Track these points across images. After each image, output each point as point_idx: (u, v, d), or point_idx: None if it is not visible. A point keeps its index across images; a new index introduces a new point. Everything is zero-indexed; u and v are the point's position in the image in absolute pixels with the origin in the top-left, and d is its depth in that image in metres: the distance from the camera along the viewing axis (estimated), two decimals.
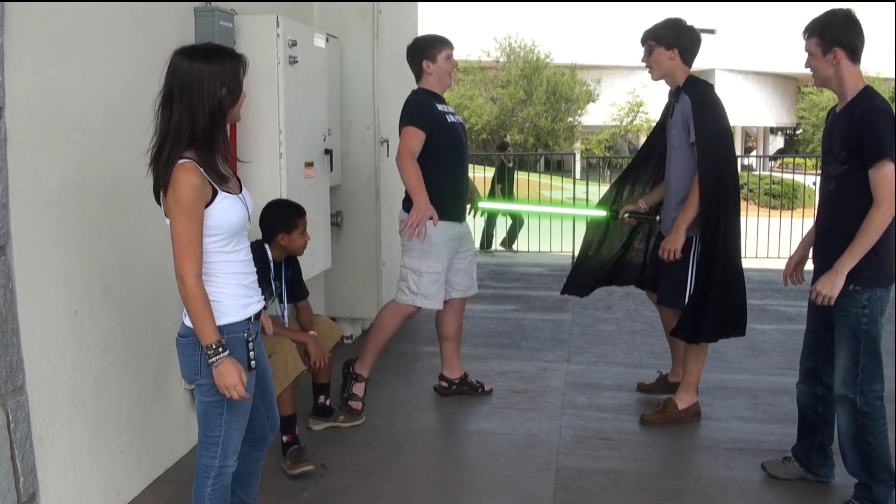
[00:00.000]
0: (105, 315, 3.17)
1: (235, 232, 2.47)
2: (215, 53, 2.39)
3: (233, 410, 2.51)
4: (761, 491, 3.44)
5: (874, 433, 3.13)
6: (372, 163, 5.37)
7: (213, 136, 2.39)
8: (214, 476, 2.55)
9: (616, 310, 6.72)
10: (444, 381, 4.68)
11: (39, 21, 2.75)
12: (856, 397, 3.13)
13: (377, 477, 3.65)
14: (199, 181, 2.34)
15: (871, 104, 3.05)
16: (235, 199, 2.46)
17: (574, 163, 14.36)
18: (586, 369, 5.17)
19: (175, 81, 2.34)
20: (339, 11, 5.28)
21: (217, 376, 2.37)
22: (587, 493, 3.51)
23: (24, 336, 2.70)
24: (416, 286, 4.23)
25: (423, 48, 4.29)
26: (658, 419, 4.18)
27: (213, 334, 2.35)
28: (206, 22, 3.72)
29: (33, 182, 2.74)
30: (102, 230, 3.14)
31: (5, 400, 2.59)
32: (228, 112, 2.43)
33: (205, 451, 2.56)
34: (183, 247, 2.33)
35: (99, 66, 3.09)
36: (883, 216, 2.98)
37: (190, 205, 2.32)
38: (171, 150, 2.34)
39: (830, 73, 3.13)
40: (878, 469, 3.15)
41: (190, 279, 2.33)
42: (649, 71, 4.08)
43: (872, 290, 3.08)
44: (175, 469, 3.67)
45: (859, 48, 3.09)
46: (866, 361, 3.11)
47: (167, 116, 2.36)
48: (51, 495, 2.85)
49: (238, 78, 2.42)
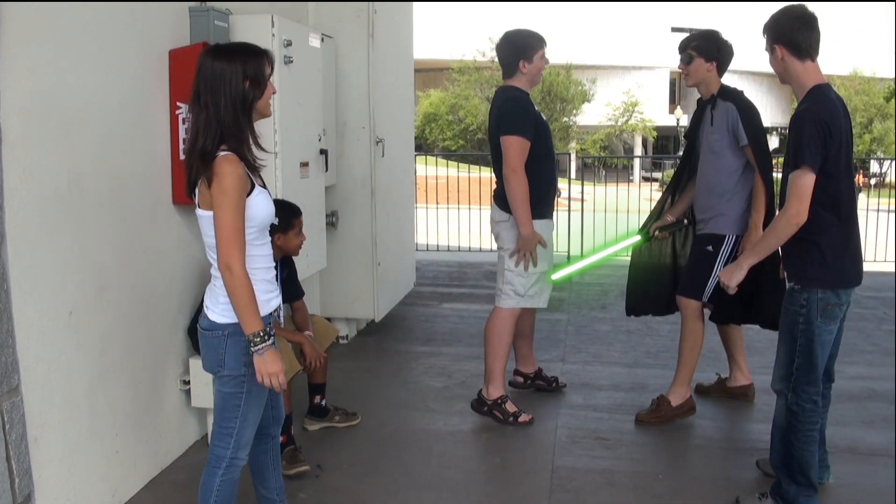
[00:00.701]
0: (100, 315, 3.16)
1: (264, 226, 2.54)
2: (239, 51, 2.48)
3: (250, 403, 2.57)
4: (756, 490, 3.44)
5: (798, 434, 3.13)
6: (367, 163, 5.37)
7: (240, 129, 2.46)
8: (225, 467, 2.60)
9: (611, 309, 6.73)
10: (519, 375, 4.72)
11: (35, 20, 2.75)
12: (788, 394, 3.15)
13: (373, 477, 3.65)
14: (243, 172, 2.41)
15: (804, 107, 3.02)
16: (266, 193, 2.55)
17: (569, 163, 14.35)
18: (582, 369, 5.17)
19: (201, 80, 2.44)
20: (335, 11, 5.28)
21: (261, 363, 2.43)
22: (583, 492, 3.51)
23: (19, 336, 2.69)
24: (523, 288, 4.17)
25: (522, 48, 4.11)
26: (653, 418, 4.19)
27: (257, 323, 2.41)
28: (202, 22, 3.72)
29: (28, 181, 2.73)
30: (98, 230, 3.13)
31: (0, 401, 2.59)
32: (254, 105, 2.49)
33: (218, 441, 2.60)
34: (230, 236, 2.37)
35: (94, 66, 3.09)
36: (784, 223, 2.99)
37: (236, 195, 2.38)
38: (203, 143, 2.41)
39: (780, 69, 3.12)
40: (796, 470, 3.16)
41: (238, 268, 2.37)
42: (684, 77, 4.23)
43: (813, 291, 3.05)
44: (171, 469, 3.67)
45: (803, 43, 3.03)
46: (800, 361, 3.11)
47: (196, 112, 2.44)
48: (46, 496, 2.84)
49: (262, 71, 2.48)
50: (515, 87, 4.15)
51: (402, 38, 6.15)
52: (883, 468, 3.69)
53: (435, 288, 7.56)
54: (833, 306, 3.07)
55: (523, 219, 4.01)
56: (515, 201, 4.00)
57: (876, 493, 3.46)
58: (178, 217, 3.72)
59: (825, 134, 2.93)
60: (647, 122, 36.94)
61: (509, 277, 4.19)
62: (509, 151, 3.99)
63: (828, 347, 3.15)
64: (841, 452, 3.79)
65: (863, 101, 34.52)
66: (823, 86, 3.05)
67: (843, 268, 3.08)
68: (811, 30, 3.05)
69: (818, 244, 3.03)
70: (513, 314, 4.25)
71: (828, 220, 3.01)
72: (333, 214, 5.31)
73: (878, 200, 12.88)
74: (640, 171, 35.94)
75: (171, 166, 3.62)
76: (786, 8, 3.13)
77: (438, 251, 10.11)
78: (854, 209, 3.13)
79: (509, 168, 3.98)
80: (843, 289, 3.09)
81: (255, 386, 2.53)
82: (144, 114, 3.45)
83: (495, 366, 4.25)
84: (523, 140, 3.99)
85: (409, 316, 6.50)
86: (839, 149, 2.99)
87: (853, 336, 5.79)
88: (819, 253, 3.03)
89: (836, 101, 3.04)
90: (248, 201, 2.44)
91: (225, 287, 2.42)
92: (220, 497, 2.61)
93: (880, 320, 6.37)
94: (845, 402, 4.46)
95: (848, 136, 3.06)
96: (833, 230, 3.03)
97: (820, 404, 3.15)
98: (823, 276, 3.05)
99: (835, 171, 2.99)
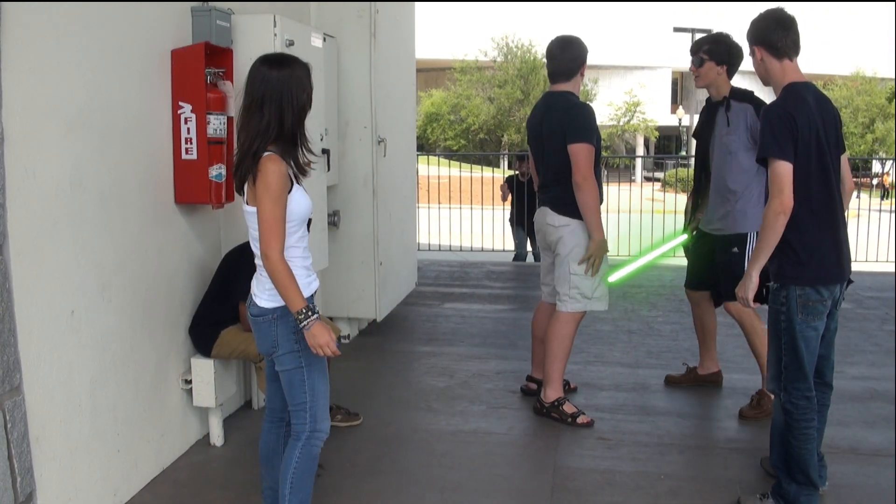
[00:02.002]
0: (102, 314, 3.16)
1: (304, 220, 2.74)
2: (295, 63, 2.70)
3: (312, 374, 2.76)
4: (758, 490, 3.44)
5: (795, 433, 3.13)
6: (369, 162, 5.37)
7: (298, 135, 2.69)
8: (305, 439, 2.78)
9: (613, 309, 6.71)
10: (532, 381, 4.67)
11: (36, 20, 2.75)
12: (780, 393, 3.16)
13: (374, 476, 3.65)
14: (285, 170, 2.62)
15: (772, 103, 3.11)
16: (304, 191, 2.75)
17: None
18: (583, 369, 5.17)
19: (266, 89, 2.63)
20: (337, 11, 5.28)
21: (310, 337, 2.61)
22: (584, 492, 3.51)
23: (21, 336, 2.69)
24: (590, 291, 4.20)
25: (585, 54, 4.28)
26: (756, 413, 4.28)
27: (301, 301, 2.60)
28: (204, 21, 3.72)
29: (30, 181, 2.73)
30: (100, 229, 3.13)
31: (2, 400, 2.59)
32: (308, 112, 2.73)
33: (295, 419, 2.80)
34: (270, 227, 2.58)
35: (96, 65, 3.09)
36: (772, 214, 3.00)
37: (279, 190, 2.59)
38: (259, 145, 2.61)
39: (761, 71, 3.18)
40: (796, 469, 3.16)
41: (274, 255, 2.58)
42: (695, 79, 4.32)
43: (790, 288, 3.08)
44: (172, 469, 3.67)
45: (779, 43, 3.11)
46: (787, 359, 3.12)
47: (259, 118, 2.62)
48: (47, 495, 2.85)
49: (311, 83, 2.74)
50: (573, 93, 4.22)
51: (404, 37, 6.15)
52: (885, 468, 3.69)
53: (437, 288, 7.56)
54: (815, 302, 3.08)
55: (597, 225, 4.09)
56: (589, 209, 4.06)
57: (878, 494, 3.46)
58: (179, 216, 3.73)
59: (791, 125, 2.98)
60: (649, 122, 36.93)
61: (576, 282, 4.20)
62: (581, 160, 4.03)
63: (813, 344, 3.13)
64: (843, 453, 3.79)
65: (865, 101, 34.43)
66: (798, 83, 3.10)
67: (822, 263, 3.09)
68: (787, 30, 3.12)
69: (790, 241, 3.05)
70: (576, 318, 4.29)
71: (799, 215, 3.02)
72: (335, 214, 5.31)
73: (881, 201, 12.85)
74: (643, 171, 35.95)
75: (173, 166, 3.62)
76: (764, 12, 3.22)
77: (440, 251, 10.11)
78: (833, 205, 3.12)
79: (581, 175, 4.03)
80: (824, 285, 3.09)
81: (312, 358, 2.72)
82: (146, 113, 3.45)
83: (554, 368, 4.27)
84: (591, 147, 4.06)
85: (410, 316, 6.50)
86: (808, 143, 3.01)
87: (855, 336, 5.79)
88: (792, 250, 3.06)
89: (807, 98, 3.07)
90: (289, 198, 2.64)
91: (266, 273, 2.62)
92: (297, 471, 2.77)
93: (882, 320, 6.36)
94: (847, 402, 4.46)
95: (824, 132, 3.07)
96: (806, 226, 3.05)
97: (814, 401, 3.15)
98: (799, 273, 3.07)
99: (804, 165, 3.01)
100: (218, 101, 3.63)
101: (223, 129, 3.65)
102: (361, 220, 5.44)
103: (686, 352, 5.45)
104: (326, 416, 2.83)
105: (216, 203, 3.70)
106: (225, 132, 3.66)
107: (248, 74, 2.67)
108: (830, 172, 3.10)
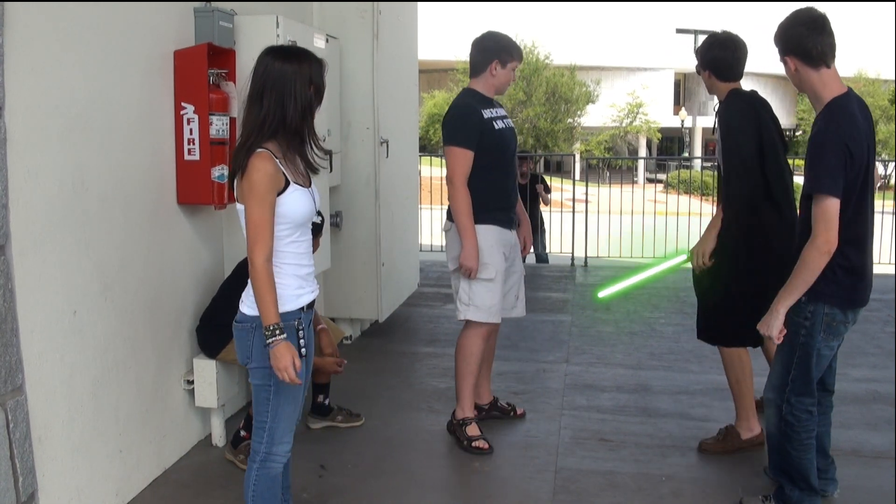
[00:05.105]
0: (104, 315, 3.17)
1: (300, 223, 2.58)
2: (304, 56, 2.56)
3: (280, 396, 2.60)
4: (759, 492, 3.43)
5: (794, 444, 3.08)
6: (371, 163, 5.38)
7: (303, 129, 2.54)
8: (260, 461, 2.64)
9: (615, 311, 6.72)
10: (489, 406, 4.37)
11: (39, 21, 2.75)
12: (782, 404, 3.08)
13: (376, 477, 3.65)
14: (273, 169, 2.45)
15: (820, 127, 2.83)
16: (305, 192, 2.58)
17: (573, 164, 14.36)
18: (585, 370, 5.17)
19: (267, 79, 2.49)
20: (339, 12, 5.28)
21: (272, 357, 2.46)
22: (586, 494, 3.51)
23: (24, 336, 2.70)
24: (467, 296, 3.98)
25: (499, 48, 3.91)
26: (721, 447, 3.91)
27: (273, 316, 2.45)
28: (206, 22, 3.72)
29: (33, 182, 2.74)
30: (102, 230, 3.14)
31: (4, 400, 2.60)
32: (316, 109, 2.59)
33: (255, 435, 2.67)
34: (254, 230, 2.44)
35: (99, 66, 3.10)
36: (816, 253, 2.80)
37: (263, 190, 2.43)
38: (254, 140, 2.47)
39: (796, 81, 2.94)
40: (796, 476, 3.12)
41: (258, 261, 2.44)
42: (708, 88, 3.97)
43: (818, 304, 2.93)
44: (174, 469, 3.67)
45: (813, 50, 2.83)
46: (796, 373, 3.03)
47: (257, 110, 2.49)
48: (49, 495, 2.85)
49: (323, 79, 2.60)
50: (472, 89, 3.97)
51: (407, 38, 6.15)
52: (887, 471, 3.68)
53: (439, 289, 7.55)
54: (839, 323, 2.98)
55: (464, 230, 3.84)
56: (455, 213, 3.84)
57: (880, 496, 3.46)
58: (182, 217, 3.73)
59: (846, 157, 2.76)
60: (651, 123, 36.88)
61: (456, 285, 4.06)
62: (450, 163, 3.83)
63: (825, 362, 3.08)
64: (845, 455, 3.78)
65: (867, 102, 34.34)
66: (842, 97, 2.86)
67: (856, 287, 2.98)
68: (821, 34, 2.83)
69: (830, 262, 2.86)
70: (480, 333, 4.05)
71: (844, 237, 2.85)
72: (338, 215, 5.31)
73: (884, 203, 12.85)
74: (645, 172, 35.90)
75: (176, 167, 3.63)
76: (793, 14, 2.91)
77: (442, 252, 10.09)
78: (870, 225, 2.99)
79: (448, 179, 3.85)
80: (852, 308, 2.99)
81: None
82: (149, 114, 3.45)
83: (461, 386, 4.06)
84: (465, 151, 3.81)
85: (412, 316, 6.50)
86: (860, 168, 2.84)
87: (857, 338, 5.77)
88: (830, 269, 2.88)
89: (855, 115, 2.87)
90: (280, 199, 2.48)
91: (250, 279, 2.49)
92: (257, 491, 2.65)
93: (884, 322, 6.35)
94: (849, 404, 4.45)
95: (870, 152, 2.90)
96: (850, 248, 2.91)
97: (815, 414, 3.09)
98: (834, 293, 2.93)
99: (852, 188, 2.83)
100: (220, 102, 3.63)
101: (226, 129, 3.65)
102: (364, 221, 5.44)
103: (688, 353, 5.44)
104: (287, 440, 2.67)
105: (218, 204, 3.70)
106: (227, 133, 3.66)
107: (254, 65, 2.55)
108: (871, 189, 2.94)
